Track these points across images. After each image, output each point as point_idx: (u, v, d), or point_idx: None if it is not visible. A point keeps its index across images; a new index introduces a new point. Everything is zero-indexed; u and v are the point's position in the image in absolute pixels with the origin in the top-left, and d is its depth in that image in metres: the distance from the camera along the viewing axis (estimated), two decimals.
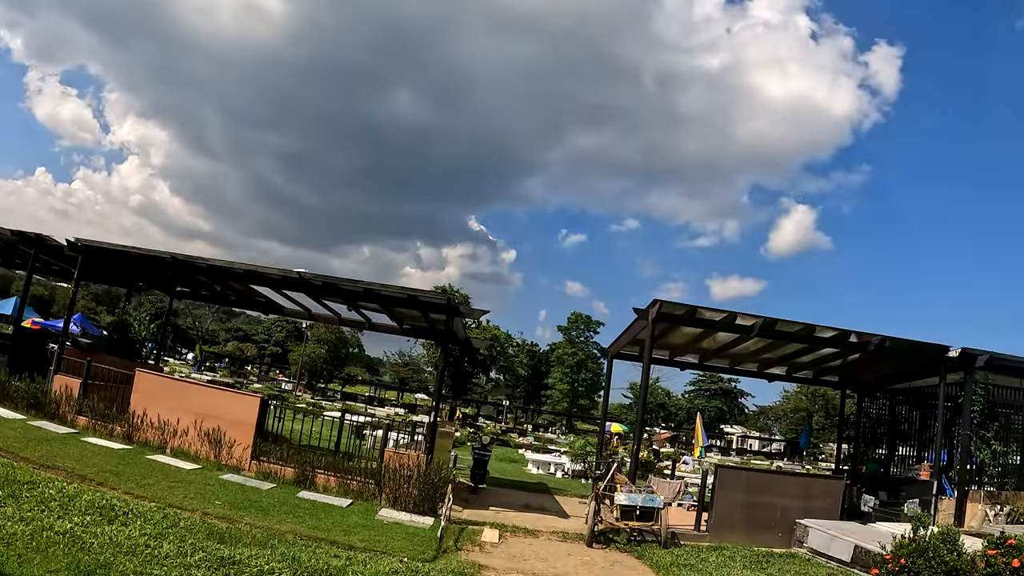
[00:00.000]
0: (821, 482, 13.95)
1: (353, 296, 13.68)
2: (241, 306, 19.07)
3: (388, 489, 11.42)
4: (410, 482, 11.26)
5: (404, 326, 17.13)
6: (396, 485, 11.36)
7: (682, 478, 20.37)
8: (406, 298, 13.05)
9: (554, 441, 49.44)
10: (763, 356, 17.23)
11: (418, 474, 11.29)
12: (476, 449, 14.92)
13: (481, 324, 58.70)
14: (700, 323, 13.22)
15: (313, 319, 18.20)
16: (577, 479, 20.28)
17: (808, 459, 73.81)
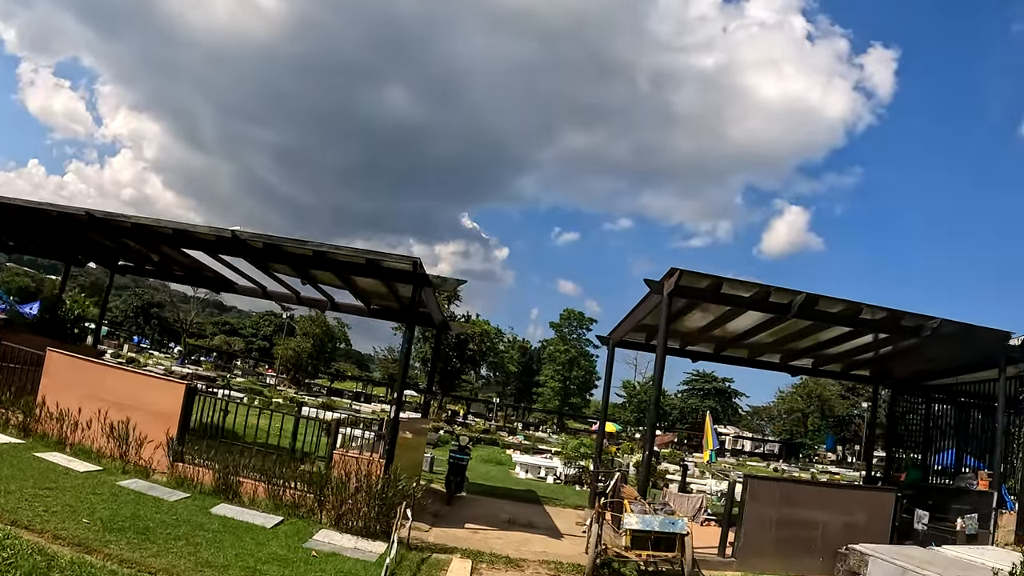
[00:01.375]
0: (868, 495, 11.30)
1: (303, 263, 10.98)
2: (190, 282, 16.35)
3: (331, 503, 8.70)
4: (358, 494, 8.55)
5: (372, 306, 14.43)
6: (341, 498, 8.64)
7: (701, 491, 17.72)
8: (364, 263, 10.36)
9: (545, 440, 46.76)
10: (787, 347, 14.60)
11: (368, 484, 8.58)
12: (452, 452, 12.24)
13: (471, 318, 55.88)
14: (726, 300, 10.55)
15: (268, 297, 15.48)
16: (571, 485, 17.60)
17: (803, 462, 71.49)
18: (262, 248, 10.95)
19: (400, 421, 10.24)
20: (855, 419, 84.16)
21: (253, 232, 10.87)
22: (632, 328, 13.56)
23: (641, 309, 12.31)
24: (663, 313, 10.15)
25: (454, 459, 12.03)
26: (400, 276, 10.34)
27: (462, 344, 53.02)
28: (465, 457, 12.06)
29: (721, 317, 12.01)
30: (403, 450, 11.56)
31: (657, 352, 10.22)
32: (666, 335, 10.22)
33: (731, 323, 12.54)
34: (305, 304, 15.09)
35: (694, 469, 31.63)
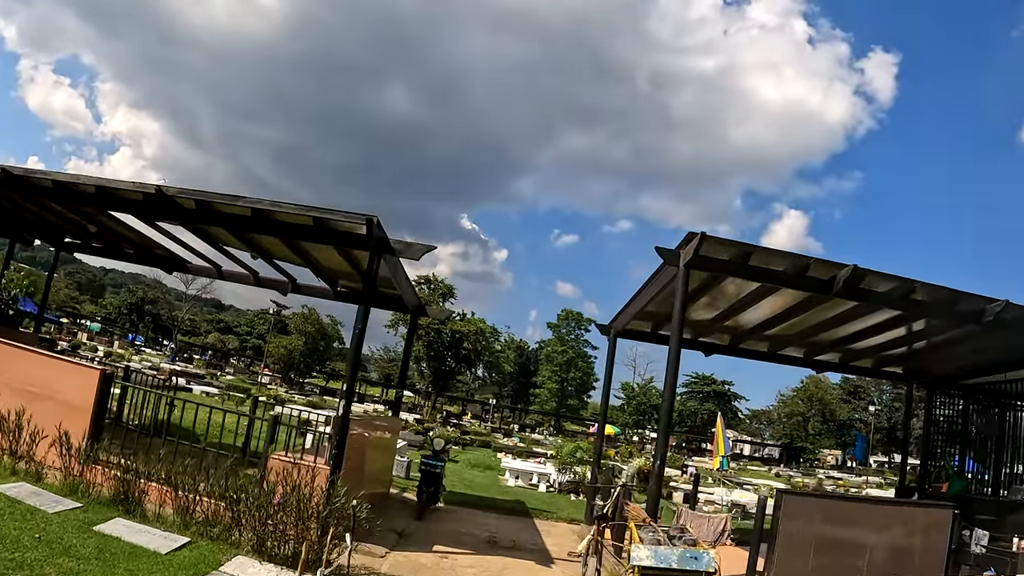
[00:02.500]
0: (922, 513, 9.23)
1: (241, 225, 8.95)
2: (140, 260, 14.28)
3: (250, 522, 6.66)
4: (283, 511, 6.51)
5: (338, 288, 12.39)
6: (262, 516, 6.60)
7: (709, 500, 15.68)
8: (313, 225, 8.34)
9: (540, 443, 44.66)
10: (812, 339, 12.59)
11: (299, 498, 6.54)
12: (424, 459, 10.16)
13: (465, 316, 53.76)
14: (756, 274, 8.51)
15: (223, 277, 13.45)
16: (565, 494, 15.53)
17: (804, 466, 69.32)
18: (195, 208, 8.93)
19: (359, 419, 8.27)
20: (856, 423, 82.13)
21: (181, 188, 8.87)
22: (637, 315, 11.53)
23: (648, 290, 10.29)
24: (679, 289, 8.12)
25: (426, 466, 9.97)
26: (355, 241, 8.30)
27: (457, 343, 50.95)
28: (439, 464, 10.00)
29: (743, 300, 9.98)
30: (369, 452, 9.56)
31: (672, 338, 8.16)
32: (683, 317, 8.18)
33: (752, 309, 10.51)
34: (264, 285, 13.06)
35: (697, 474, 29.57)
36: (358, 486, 8.83)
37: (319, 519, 6.37)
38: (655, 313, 11.80)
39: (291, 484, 6.67)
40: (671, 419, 7.87)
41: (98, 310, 78.43)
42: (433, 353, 50.85)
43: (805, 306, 9.92)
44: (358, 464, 8.93)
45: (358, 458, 8.89)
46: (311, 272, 11.80)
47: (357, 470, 8.85)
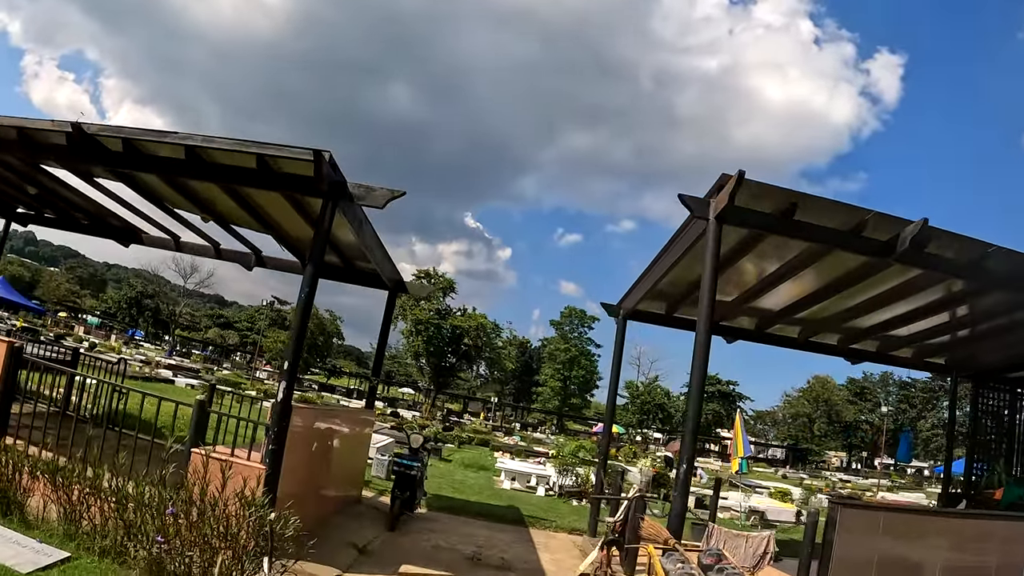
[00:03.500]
0: (1002, 527, 7.50)
1: (176, 168, 7.24)
2: (95, 231, 12.60)
3: (142, 537, 4.95)
4: (177, 524, 4.80)
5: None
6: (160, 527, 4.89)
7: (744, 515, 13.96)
8: (256, 168, 6.63)
9: (542, 442, 42.93)
10: (849, 324, 10.85)
11: (205, 507, 4.83)
12: (398, 459, 8.39)
13: (466, 311, 52.02)
14: (802, 232, 6.75)
15: (180, 249, 11.76)
16: (566, 499, 13.80)
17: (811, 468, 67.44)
18: (122, 151, 7.23)
19: (315, 409, 6.60)
20: (863, 425, 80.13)
21: (104, 125, 7.20)
22: (650, 292, 9.77)
23: (665, 259, 8.55)
24: (709, 249, 6.37)
25: (399, 467, 8.22)
26: (305, 186, 6.59)
27: (457, 338, 49.25)
28: (415, 464, 8.23)
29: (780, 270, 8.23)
30: (333, 449, 7.86)
31: (701, 314, 6.37)
32: (714, 285, 6.43)
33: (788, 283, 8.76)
34: (225, 258, 11.34)
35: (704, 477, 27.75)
36: (313, 489, 7.13)
37: (228, 536, 4.65)
38: (670, 292, 10.07)
39: (216, 486, 4.97)
40: (700, 418, 6.14)
41: (98, 304, 77.02)
42: (433, 349, 49.09)
43: (848, 279, 8.20)
44: (315, 463, 7.24)
45: (314, 455, 7.20)
46: (276, 241, 10.11)
47: (313, 470, 7.16)
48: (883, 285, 8.49)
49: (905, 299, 8.88)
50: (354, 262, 10.33)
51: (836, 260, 7.68)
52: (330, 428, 7.69)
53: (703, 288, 6.40)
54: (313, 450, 7.08)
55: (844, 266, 7.96)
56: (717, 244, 6.39)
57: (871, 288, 8.62)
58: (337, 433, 8.04)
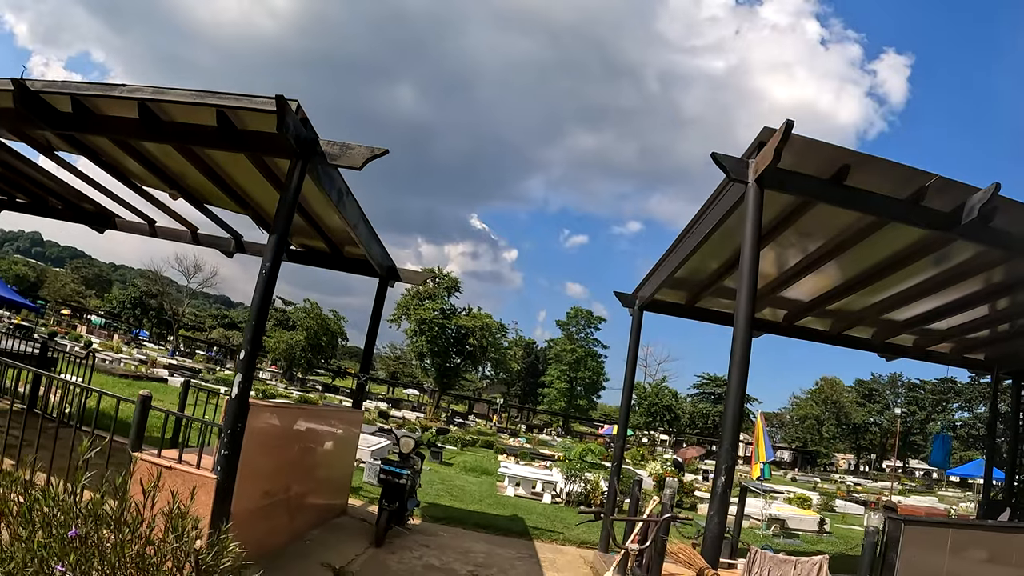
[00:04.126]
0: None
1: (130, 130, 6.23)
2: (70, 216, 11.61)
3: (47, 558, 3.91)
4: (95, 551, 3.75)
5: (291, 246, 9.68)
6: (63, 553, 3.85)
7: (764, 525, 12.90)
8: (217, 126, 5.62)
9: (548, 444, 41.87)
10: (886, 316, 9.76)
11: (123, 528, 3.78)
12: (386, 465, 7.29)
13: (471, 311, 50.94)
14: (855, 201, 5.68)
15: (156, 234, 10.74)
16: (575, 507, 12.74)
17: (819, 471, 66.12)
18: (72, 112, 6.23)
19: (286, 408, 5.57)
20: (871, 427, 78.69)
21: (51, 81, 6.18)
22: (668, 280, 8.69)
23: (687, 242, 7.48)
24: (750, 219, 5.30)
25: (387, 475, 7.14)
26: (270, 144, 5.56)
27: (462, 338, 48.17)
28: (405, 472, 7.16)
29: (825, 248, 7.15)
30: (310, 453, 6.84)
31: (741, 296, 5.25)
32: (755, 262, 5.35)
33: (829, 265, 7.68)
34: (202, 243, 10.30)
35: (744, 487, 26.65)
36: (282, 500, 6.09)
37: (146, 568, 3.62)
38: (692, 279, 8.99)
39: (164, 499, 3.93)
40: (740, 422, 5.06)
41: (103, 304, 76.36)
42: (437, 349, 48.04)
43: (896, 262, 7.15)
44: (286, 469, 6.20)
45: (284, 461, 6.16)
46: (254, 223, 9.11)
47: (283, 478, 6.12)
48: (932, 269, 7.45)
49: (955, 285, 7.81)
50: (342, 247, 9.32)
51: (887, 237, 6.62)
52: (306, 430, 6.65)
53: (743, 266, 5.33)
54: (283, 455, 6.05)
55: (891, 245, 6.92)
56: (759, 212, 5.32)
57: (918, 272, 7.57)
58: (316, 435, 7.00)
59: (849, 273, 8.02)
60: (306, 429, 6.62)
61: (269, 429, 5.59)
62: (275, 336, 53.88)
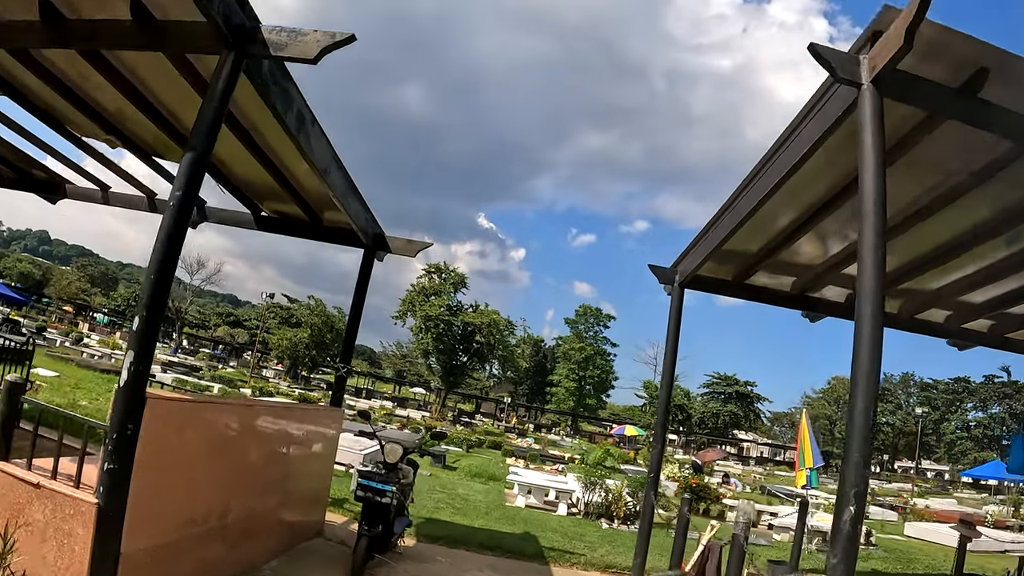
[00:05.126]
0: None
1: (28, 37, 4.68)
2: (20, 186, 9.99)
3: None
4: None
5: (263, 212, 8.09)
6: None
7: (775, 523, 11.29)
8: (131, 21, 4.05)
9: (557, 444, 40.18)
10: (963, 298, 8.10)
11: None
12: (364, 480, 5.60)
13: (478, 307, 49.31)
14: (1000, 122, 4.04)
15: (108, 201, 9.15)
16: (594, 519, 11.12)
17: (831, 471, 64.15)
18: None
19: (221, 404, 4.00)
20: (883, 427, 76.65)
21: None
22: (717, 250, 7.04)
23: (746, 201, 5.87)
24: (868, 133, 3.68)
25: (367, 491, 5.50)
26: (197, 37, 3.97)
27: (469, 336, 46.53)
28: (389, 489, 5.52)
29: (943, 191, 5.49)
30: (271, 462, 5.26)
31: (867, 257, 3.60)
32: (882, 198, 3.69)
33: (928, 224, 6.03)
34: (162, 210, 8.73)
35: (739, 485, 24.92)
36: (219, 527, 4.49)
37: None
38: (743, 250, 7.36)
39: None
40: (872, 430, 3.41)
41: (108, 302, 75.18)
42: (442, 346, 46.42)
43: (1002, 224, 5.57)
44: (227, 485, 4.61)
45: (224, 474, 4.57)
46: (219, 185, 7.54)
47: (221, 497, 4.52)
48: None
49: None
50: (321, 213, 7.73)
51: (997, 188, 5.01)
52: (258, 432, 5.05)
53: (865, 204, 3.67)
54: (219, 466, 4.45)
55: (1001, 199, 5.32)
56: (880, 124, 3.69)
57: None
58: (274, 439, 5.40)
59: (942, 236, 6.37)
60: (257, 432, 5.02)
61: (189, 431, 3.99)
62: (279, 334, 52.43)
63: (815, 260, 7.60)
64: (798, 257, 7.59)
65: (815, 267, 7.72)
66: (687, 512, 6.10)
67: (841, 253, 7.11)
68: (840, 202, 5.71)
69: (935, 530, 17.93)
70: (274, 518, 5.60)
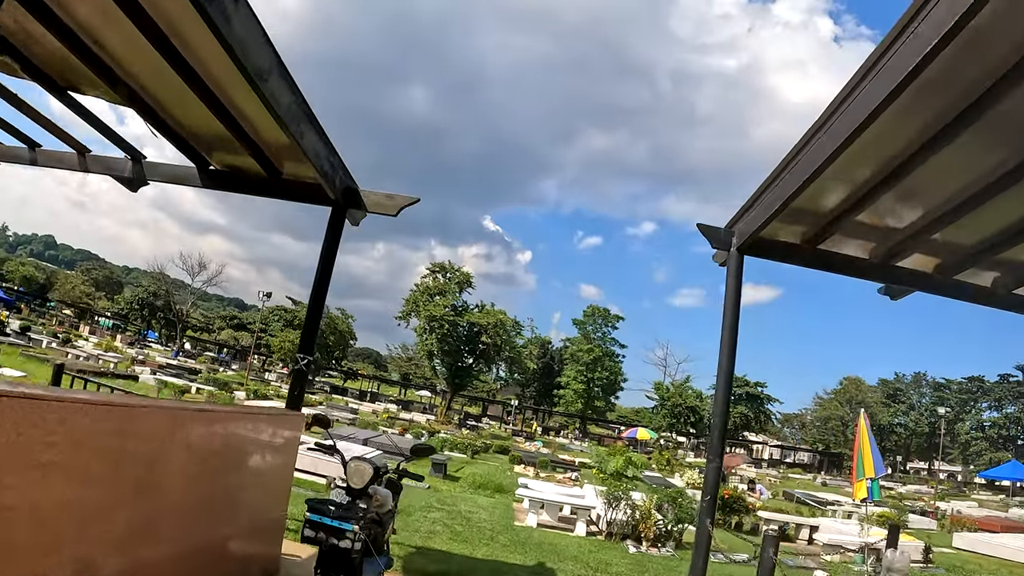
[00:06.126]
0: None
1: None
2: None
3: None
4: None
5: (212, 166, 6.42)
6: None
7: (860, 558, 9.57)
8: None
9: (567, 448, 38.37)
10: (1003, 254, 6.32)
11: None
12: (314, 515, 3.86)
13: (484, 307, 47.56)
14: None
15: (37, 162, 7.48)
16: (618, 540, 9.40)
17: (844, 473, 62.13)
18: None
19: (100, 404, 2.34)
20: (896, 428, 74.50)
21: None
22: (784, 208, 5.31)
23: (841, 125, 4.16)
24: None
25: (317, 530, 3.83)
26: None
27: (474, 337, 44.79)
28: (349, 528, 3.80)
29: None
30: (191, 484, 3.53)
31: None
32: None
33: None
34: (95, 170, 7.07)
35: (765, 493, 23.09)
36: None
37: None
38: (815, 208, 5.64)
39: None
40: None
41: (111, 306, 73.81)
42: (447, 348, 44.67)
43: None
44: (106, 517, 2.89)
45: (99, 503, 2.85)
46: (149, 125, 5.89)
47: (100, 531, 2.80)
48: None
49: None
50: (281, 164, 6.06)
51: None
52: (160, 445, 3.35)
53: None
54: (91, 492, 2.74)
55: None
56: None
57: None
58: (192, 454, 3.70)
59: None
60: (159, 445, 3.32)
61: (32, 444, 2.29)
62: (280, 336, 50.82)
63: (901, 223, 5.89)
64: (882, 218, 5.88)
65: (901, 231, 5.99)
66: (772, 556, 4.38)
67: (934, 212, 5.41)
68: (934, 149, 4.07)
69: (986, 541, 16.15)
70: (202, 557, 3.92)
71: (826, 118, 4.49)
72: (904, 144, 4.44)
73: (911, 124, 4.21)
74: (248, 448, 4.53)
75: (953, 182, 4.82)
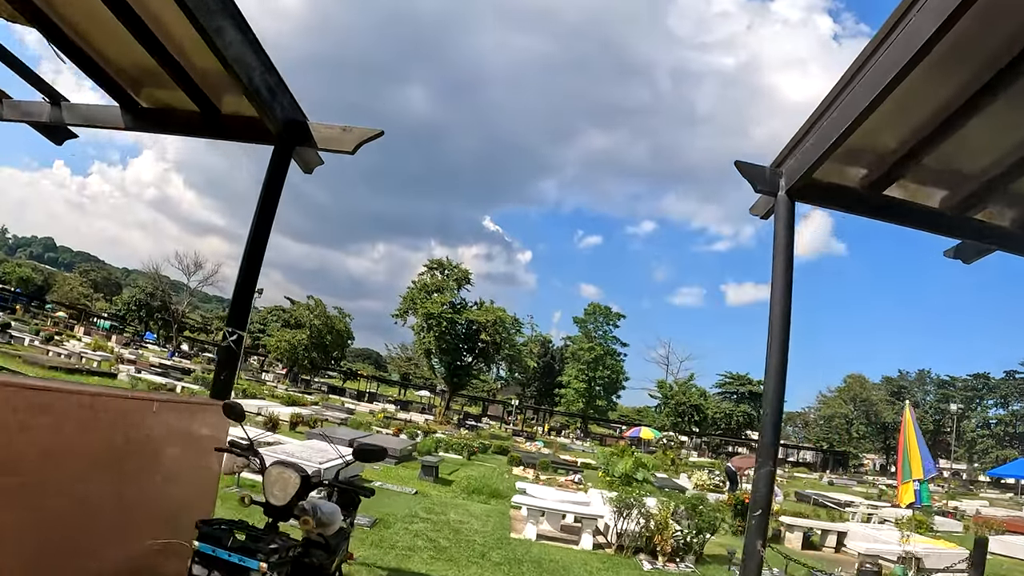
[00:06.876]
0: None
1: None
2: None
3: None
4: None
5: (143, 104, 5.19)
6: None
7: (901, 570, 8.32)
8: None
9: (568, 448, 37.10)
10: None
11: None
12: (209, 541, 2.68)
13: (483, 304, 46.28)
14: None
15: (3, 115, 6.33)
16: (630, 556, 8.19)
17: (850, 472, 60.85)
18: None
19: None
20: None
21: None
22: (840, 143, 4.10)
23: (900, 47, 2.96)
24: None
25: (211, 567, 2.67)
26: None
27: (473, 335, 43.54)
28: (250, 565, 2.64)
29: None
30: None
31: None
32: None
33: None
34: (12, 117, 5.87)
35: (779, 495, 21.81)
36: None
37: None
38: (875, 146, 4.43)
39: None
40: None
41: (108, 307, 72.65)
42: (446, 346, 43.40)
43: None
44: None
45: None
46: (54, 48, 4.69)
47: None
48: None
49: None
50: (219, 100, 4.85)
51: None
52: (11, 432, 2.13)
53: None
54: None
55: None
56: None
57: None
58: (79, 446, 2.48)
59: None
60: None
61: None
62: (277, 336, 49.60)
63: (979, 167, 4.70)
64: (955, 161, 4.70)
65: (977, 176, 4.79)
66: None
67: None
68: None
69: (1022, 544, 14.96)
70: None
71: (894, 23, 3.33)
72: (971, 79, 3.28)
73: (999, 31, 3.05)
74: (148, 443, 3.32)
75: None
